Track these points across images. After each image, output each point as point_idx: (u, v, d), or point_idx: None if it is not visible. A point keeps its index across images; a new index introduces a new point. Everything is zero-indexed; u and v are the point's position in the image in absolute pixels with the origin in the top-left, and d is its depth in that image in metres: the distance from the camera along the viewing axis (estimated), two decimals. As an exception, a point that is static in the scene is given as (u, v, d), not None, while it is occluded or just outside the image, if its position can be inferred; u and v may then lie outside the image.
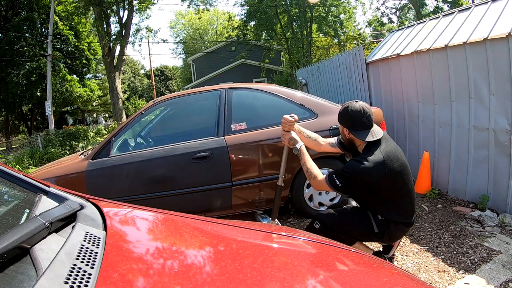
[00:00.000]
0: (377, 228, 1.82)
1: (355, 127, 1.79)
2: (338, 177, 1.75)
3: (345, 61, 5.42)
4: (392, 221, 1.81)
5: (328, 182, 1.78)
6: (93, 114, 31.34)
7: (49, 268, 0.61)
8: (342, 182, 1.74)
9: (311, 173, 1.90)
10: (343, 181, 1.73)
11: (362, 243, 2.02)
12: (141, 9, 17.48)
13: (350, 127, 1.81)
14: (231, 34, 18.95)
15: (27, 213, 0.86)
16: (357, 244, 1.96)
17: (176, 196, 2.86)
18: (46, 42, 15.40)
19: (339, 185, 1.74)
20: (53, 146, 11.29)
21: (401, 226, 1.83)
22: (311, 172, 1.90)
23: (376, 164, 1.68)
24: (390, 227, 1.81)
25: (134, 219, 1.11)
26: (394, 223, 1.81)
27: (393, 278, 0.92)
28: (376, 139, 1.76)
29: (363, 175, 1.69)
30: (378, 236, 1.85)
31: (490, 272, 2.04)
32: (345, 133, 1.89)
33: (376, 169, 1.68)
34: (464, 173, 3.14)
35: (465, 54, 2.94)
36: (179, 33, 37.54)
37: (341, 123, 1.90)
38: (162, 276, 0.70)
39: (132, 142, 3.33)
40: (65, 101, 20.13)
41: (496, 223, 2.63)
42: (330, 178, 1.78)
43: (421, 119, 3.69)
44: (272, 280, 0.76)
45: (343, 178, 1.73)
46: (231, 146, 2.87)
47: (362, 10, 41.95)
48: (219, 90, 3.12)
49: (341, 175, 1.74)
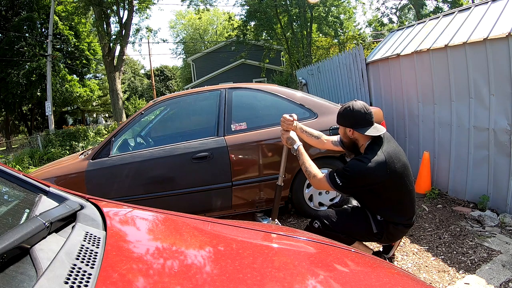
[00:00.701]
0: (376, 228, 1.82)
1: (359, 125, 1.78)
2: (339, 175, 1.74)
3: (345, 61, 5.42)
4: (391, 222, 1.80)
5: (328, 180, 1.78)
6: (93, 114, 31.34)
7: (49, 268, 0.61)
8: (343, 181, 1.73)
9: (310, 172, 1.90)
10: (344, 180, 1.72)
11: (361, 243, 2.02)
12: (141, 9, 17.48)
13: (354, 125, 1.80)
14: (231, 34, 18.93)
15: (27, 213, 0.86)
16: (357, 244, 1.95)
17: (176, 196, 2.86)
18: (46, 42, 15.41)
19: (340, 184, 1.73)
20: (53, 146, 11.29)
21: (400, 227, 1.83)
22: (310, 171, 1.90)
23: (378, 164, 1.68)
24: (389, 227, 1.81)
25: (134, 219, 1.11)
26: (393, 224, 1.80)
27: (393, 278, 0.92)
28: (381, 133, 1.77)
29: (365, 174, 1.68)
30: (377, 236, 1.84)
31: (490, 272, 2.04)
32: (349, 134, 1.86)
33: (378, 169, 1.67)
34: (464, 173, 3.14)
35: (465, 54, 2.94)
36: (179, 33, 37.59)
37: (342, 124, 1.88)
38: (162, 276, 0.70)
39: (132, 142, 3.33)
40: (65, 101, 20.13)
41: (496, 223, 2.63)
42: (330, 177, 1.77)
43: (421, 119, 3.69)
44: (272, 280, 0.76)
45: (344, 177, 1.73)
46: (231, 146, 2.87)
47: (362, 10, 41.98)
48: (219, 90, 3.12)
49: (342, 174, 1.73)
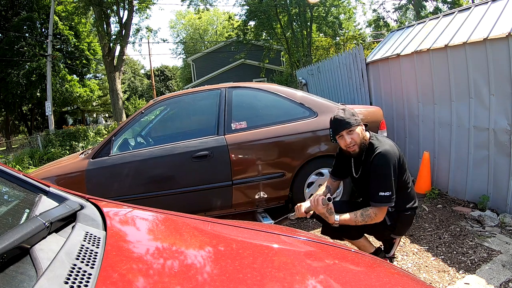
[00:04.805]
0: (389, 220, 1.86)
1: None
2: (382, 189, 1.69)
3: (345, 61, 5.42)
4: (402, 210, 1.86)
5: (381, 204, 1.72)
6: (93, 114, 31.33)
7: (49, 268, 0.61)
8: (389, 188, 1.69)
9: (365, 218, 1.75)
10: (388, 187, 1.69)
11: (366, 239, 2.05)
12: (141, 9, 17.47)
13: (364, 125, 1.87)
14: (231, 34, 18.92)
15: (27, 213, 0.86)
16: (362, 239, 1.99)
17: (176, 195, 2.87)
18: (46, 42, 15.40)
19: (390, 194, 1.69)
20: (53, 146, 11.29)
21: (410, 213, 1.89)
22: (364, 219, 1.76)
23: (390, 145, 1.79)
24: (401, 216, 1.87)
25: (134, 219, 1.11)
26: (403, 212, 1.87)
27: (393, 278, 0.92)
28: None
29: (391, 158, 1.73)
30: (390, 228, 1.89)
31: (490, 272, 2.04)
32: (366, 136, 1.83)
33: (393, 148, 1.78)
34: (464, 173, 3.14)
35: (465, 54, 2.94)
36: (179, 33, 37.58)
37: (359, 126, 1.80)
38: (162, 276, 0.70)
39: (132, 141, 3.33)
40: (65, 101, 20.13)
41: (496, 223, 2.63)
42: (379, 200, 1.70)
43: (421, 119, 3.68)
44: (272, 280, 0.76)
45: (386, 185, 1.69)
46: (231, 145, 2.87)
47: (362, 11, 41.99)
48: (219, 89, 3.12)
49: (383, 184, 1.69)
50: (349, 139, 1.77)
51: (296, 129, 2.98)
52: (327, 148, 2.99)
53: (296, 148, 2.97)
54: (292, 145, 2.97)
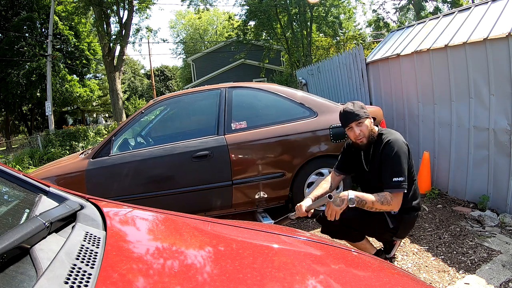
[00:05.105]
0: (391, 223, 1.84)
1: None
2: (395, 174, 1.69)
3: (345, 61, 5.42)
4: (406, 210, 1.82)
5: (395, 189, 1.69)
6: (93, 114, 31.33)
7: (49, 268, 0.61)
8: (401, 173, 1.70)
9: (383, 203, 1.69)
10: (401, 171, 1.70)
11: (368, 240, 2.05)
12: (141, 9, 17.47)
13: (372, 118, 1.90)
14: (231, 34, 18.92)
15: (27, 213, 0.86)
16: (364, 241, 1.99)
17: (176, 195, 2.87)
18: (46, 42, 15.40)
19: (403, 179, 1.69)
20: (53, 146, 11.29)
21: (413, 214, 1.87)
22: (383, 203, 1.69)
23: (399, 135, 1.83)
24: (404, 219, 1.85)
25: (134, 219, 1.11)
26: (406, 212, 1.84)
27: (393, 278, 0.92)
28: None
29: (402, 145, 1.76)
30: (392, 231, 1.87)
31: (490, 272, 2.04)
32: (374, 128, 1.87)
33: (402, 138, 1.82)
34: (464, 173, 3.14)
35: (465, 54, 2.94)
36: (179, 33, 37.59)
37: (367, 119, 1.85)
38: (162, 276, 0.70)
39: (132, 141, 3.33)
40: (65, 101, 20.13)
41: (496, 223, 2.63)
42: (393, 185, 1.69)
43: (421, 119, 3.68)
44: (272, 280, 0.76)
45: (399, 169, 1.70)
46: (231, 145, 2.87)
47: (362, 11, 41.95)
48: (219, 89, 3.12)
49: (396, 169, 1.70)
50: (358, 131, 1.81)
51: (296, 129, 2.98)
52: (327, 148, 2.99)
53: (296, 148, 2.97)
54: (292, 145, 2.97)
